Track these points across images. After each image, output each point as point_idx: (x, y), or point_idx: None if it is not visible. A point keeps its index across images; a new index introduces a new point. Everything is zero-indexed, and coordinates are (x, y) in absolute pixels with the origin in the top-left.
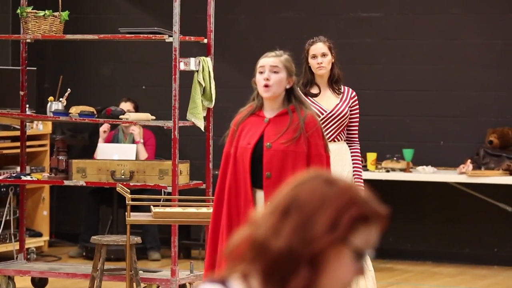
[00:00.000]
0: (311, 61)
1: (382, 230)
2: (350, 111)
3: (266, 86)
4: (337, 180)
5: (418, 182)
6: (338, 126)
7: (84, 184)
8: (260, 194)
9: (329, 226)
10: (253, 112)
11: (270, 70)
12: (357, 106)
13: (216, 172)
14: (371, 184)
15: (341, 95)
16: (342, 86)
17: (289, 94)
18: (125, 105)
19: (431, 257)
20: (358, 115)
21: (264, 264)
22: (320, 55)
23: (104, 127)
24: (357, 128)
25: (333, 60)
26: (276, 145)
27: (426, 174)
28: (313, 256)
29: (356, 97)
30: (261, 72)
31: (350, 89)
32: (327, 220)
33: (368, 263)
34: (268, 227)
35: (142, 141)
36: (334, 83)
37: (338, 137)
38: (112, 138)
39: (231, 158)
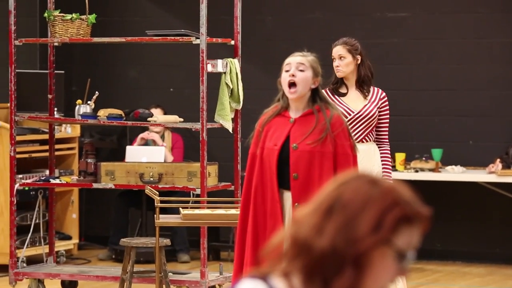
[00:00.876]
0: (333, 64)
1: (424, 231)
2: (379, 112)
3: (291, 84)
4: (381, 180)
5: (447, 182)
6: (366, 127)
7: (113, 187)
8: (287, 195)
9: (373, 226)
10: (279, 112)
11: (296, 68)
12: (387, 107)
13: (245, 174)
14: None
15: (369, 96)
16: (372, 87)
17: (314, 94)
18: (155, 112)
19: (461, 257)
20: (388, 116)
21: (306, 262)
22: (338, 58)
23: (144, 135)
24: (387, 129)
25: (357, 61)
26: (302, 146)
27: (455, 174)
28: (357, 257)
29: (385, 98)
30: (287, 71)
31: (380, 90)
32: (371, 221)
33: None
34: (311, 226)
35: (165, 145)
36: (361, 84)
37: (366, 137)
38: (143, 144)
39: (257, 159)
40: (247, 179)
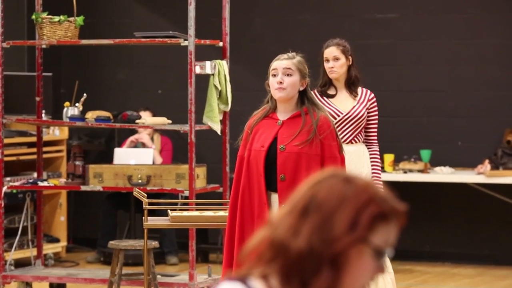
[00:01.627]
0: (325, 64)
1: (400, 228)
2: (368, 113)
3: (279, 88)
4: (355, 178)
5: (436, 183)
6: (355, 128)
7: (101, 189)
8: (274, 197)
9: (349, 225)
10: (267, 114)
11: (283, 73)
12: (376, 108)
13: (233, 176)
14: (389, 185)
15: (358, 97)
16: (360, 88)
17: (302, 96)
18: (144, 114)
19: (450, 258)
20: (376, 117)
21: (284, 264)
22: (332, 59)
23: (134, 137)
24: (375, 130)
25: (348, 62)
26: (289, 147)
27: (444, 175)
28: (334, 256)
29: (374, 99)
30: (274, 75)
31: (368, 91)
32: (347, 219)
33: (388, 265)
34: (287, 227)
35: (154, 147)
36: (351, 85)
37: (355, 139)
38: (133, 147)
39: (244, 161)
40: (235, 181)
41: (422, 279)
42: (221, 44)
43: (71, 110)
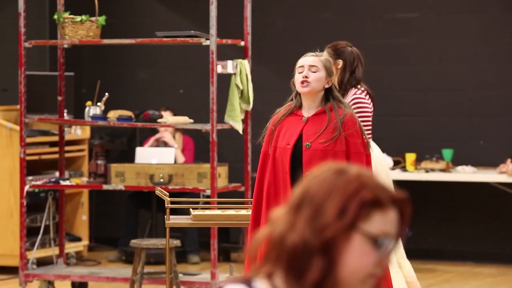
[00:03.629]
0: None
1: (406, 217)
2: None
3: (304, 81)
4: (348, 169)
5: (458, 182)
6: None
7: (123, 188)
8: None
9: (337, 212)
10: (291, 111)
11: (309, 69)
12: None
13: (255, 175)
14: (411, 185)
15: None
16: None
17: (328, 94)
18: (165, 114)
19: (472, 258)
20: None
21: (283, 260)
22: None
23: (157, 136)
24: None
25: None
26: (315, 144)
27: (466, 174)
28: (324, 245)
29: (355, 101)
30: (300, 72)
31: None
32: (335, 207)
33: (409, 269)
34: (285, 223)
35: (177, 145)
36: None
37: None
38: (155, 146)
39: (269, 159)
40: (258, 178)
41: (444, 278)
42: (242, 43)
43: (93, 110)
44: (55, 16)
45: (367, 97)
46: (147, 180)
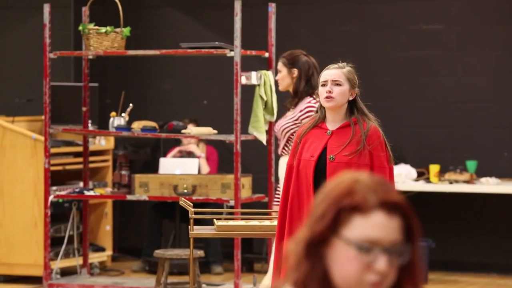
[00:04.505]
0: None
1: (412, 224)
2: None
3: (328, 97)
4: (347, 176)
5: (481, 194)
6: (283, 141)
7: (147, 199)
8: None
9: (318, 218)
10: (316, 124)
11: (332, 83)
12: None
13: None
14: (434, 196)
15: (293, 110)
16: (307, 99)
17: (352, 106)
18: (188, 126)
19: (496, 269)
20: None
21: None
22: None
23: (182, 148)
24: None
25: (292, 75)
26: (339, 157)
27: (490, 185)
28: (307, 250)
29: (307, 110)
30: (323, 85)
31: (308, 103)
32: (320, 212)
33: None
34: (300, 236)
35: (203, 155)
36: (294, 97)
37: (283, 151)
38: (179, 157)
39: (293, 171)
40: (284, 190)
41: None
42: (267, 55)
43: (117, 120)
44: (80, 27)
45: None
46: (170, 190)
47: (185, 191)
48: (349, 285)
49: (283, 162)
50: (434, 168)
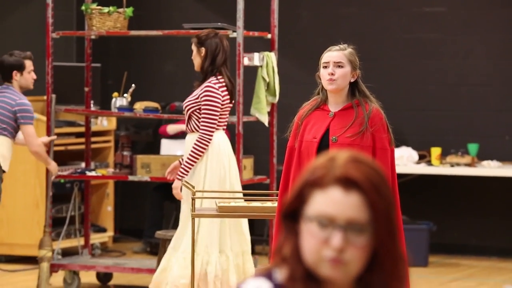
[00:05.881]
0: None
1: (370, 201)
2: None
3: (330, 80)
4: (330, 154)
5: (483, 177)
6: (187, 118)
7: (149, 180)
8: None
9: (291, 191)
10: (318, 106)
11: (334, 65)
12: (204, 98)
13: (280, 168)
14: (436, 179)
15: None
16: (212, 79)
17: (353, 87)
18: None
19: (496, 253)
20: (205, 106)
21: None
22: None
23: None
24: (203, 118)
25: (200, 53)
26: (342, 139)
27: (491, 169)
28: (282, 223)
29: (205, 89)
30: (325, 67)
31: (209, 82)
32: (292, 190)
33: None
34: None
35: None
36: (203, 76)
37: (187, 128)
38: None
39: (295, 152)
40: (284, 172)
41: (468, 273)
42: (269, 36)
43: (119, 101)
44: (83, 7)
45: (222, 89)
46: None
47: None
48: (312, 261)
49: (188, 139)
50: (435, 151)
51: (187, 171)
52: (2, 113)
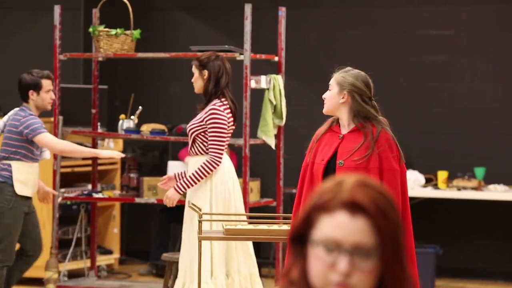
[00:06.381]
0: None
1: (377, 226)
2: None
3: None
4: (338, 178)
5: (489, 201)
6: (191, 142)
7: (155, 202)
8: None
9: (299, 215)
10: (330, 126)
11: (328, 89)
12: (211, 121)
13: (287, 190)
14: (442, 202)
15: (202, 112)
16: (215, 101)
17: (356, 109)
18: None
19: (502, 277)
20: (211, 129)
21: None
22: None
23: None
24: (211, 140)
25: (203, 76)
26: (348, 162)
27: (497, 192)
28: (290, 246)
29: (210, 111)
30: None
31: (213, 105)
32: (300, 214)
33: None
34: None
35: None
36: (206, 99)
37: (191, 151)
38: None
39: (308, 172)
40: (298, 191)
41: None
42: (276, 58)
43: (126, 123)
44: (90, 29)
45: (227, 111)
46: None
47: None
48: (320, 285)
49: (191, 162)
50: (442, 175)
51: (188, 187)
52: (9, 137)
